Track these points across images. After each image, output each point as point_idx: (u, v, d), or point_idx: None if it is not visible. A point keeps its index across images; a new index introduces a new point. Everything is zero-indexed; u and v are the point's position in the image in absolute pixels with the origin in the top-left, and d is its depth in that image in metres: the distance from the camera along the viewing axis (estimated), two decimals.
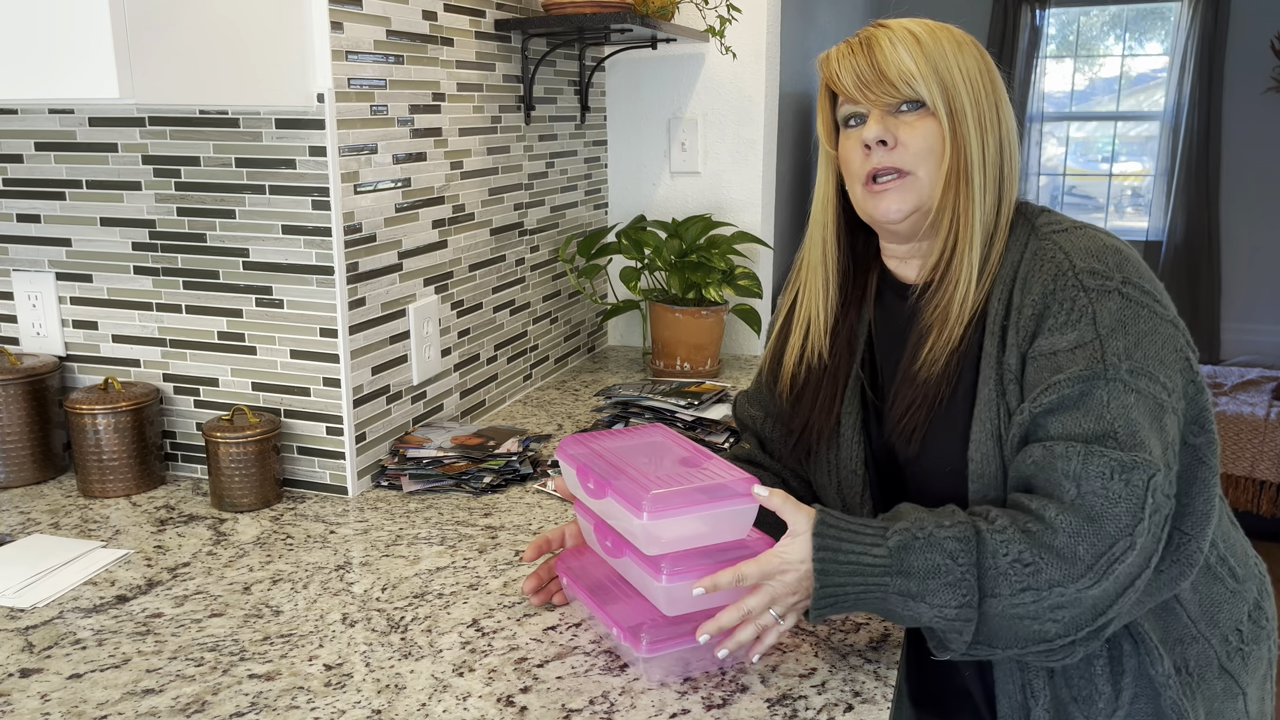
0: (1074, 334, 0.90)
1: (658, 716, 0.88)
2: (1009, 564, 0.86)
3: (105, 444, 1.36)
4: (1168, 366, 0.90)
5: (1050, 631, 0.87)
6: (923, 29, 0.98)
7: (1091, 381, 0.88)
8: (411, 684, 0.94)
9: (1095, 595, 0.86)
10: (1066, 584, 0.85)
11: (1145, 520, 0.85)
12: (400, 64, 1.46)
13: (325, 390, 1.38)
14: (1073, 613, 0.86)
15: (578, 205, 2.11)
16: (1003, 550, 0.87)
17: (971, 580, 0.87)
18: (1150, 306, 0.91)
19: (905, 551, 0.88)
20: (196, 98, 1.13)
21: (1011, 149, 1.00)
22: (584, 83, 2.08)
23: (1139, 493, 0.85)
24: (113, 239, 1.43)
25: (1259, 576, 1.05)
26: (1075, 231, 0.96)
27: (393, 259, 1.47)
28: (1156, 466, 0.86)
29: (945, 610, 0.87)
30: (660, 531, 0.90)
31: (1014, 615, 0.87)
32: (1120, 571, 0.85)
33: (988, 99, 0.98)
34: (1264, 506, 3.65)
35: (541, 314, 1.98)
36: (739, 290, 1.97)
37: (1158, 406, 0.88)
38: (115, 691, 0.92)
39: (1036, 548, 0.86)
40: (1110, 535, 0.85)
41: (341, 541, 1.26)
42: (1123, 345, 0.89)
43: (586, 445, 1.03)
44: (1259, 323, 5.64)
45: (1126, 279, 0.92)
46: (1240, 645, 1.00)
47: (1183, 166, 5.55)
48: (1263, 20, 5.32)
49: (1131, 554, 0.85)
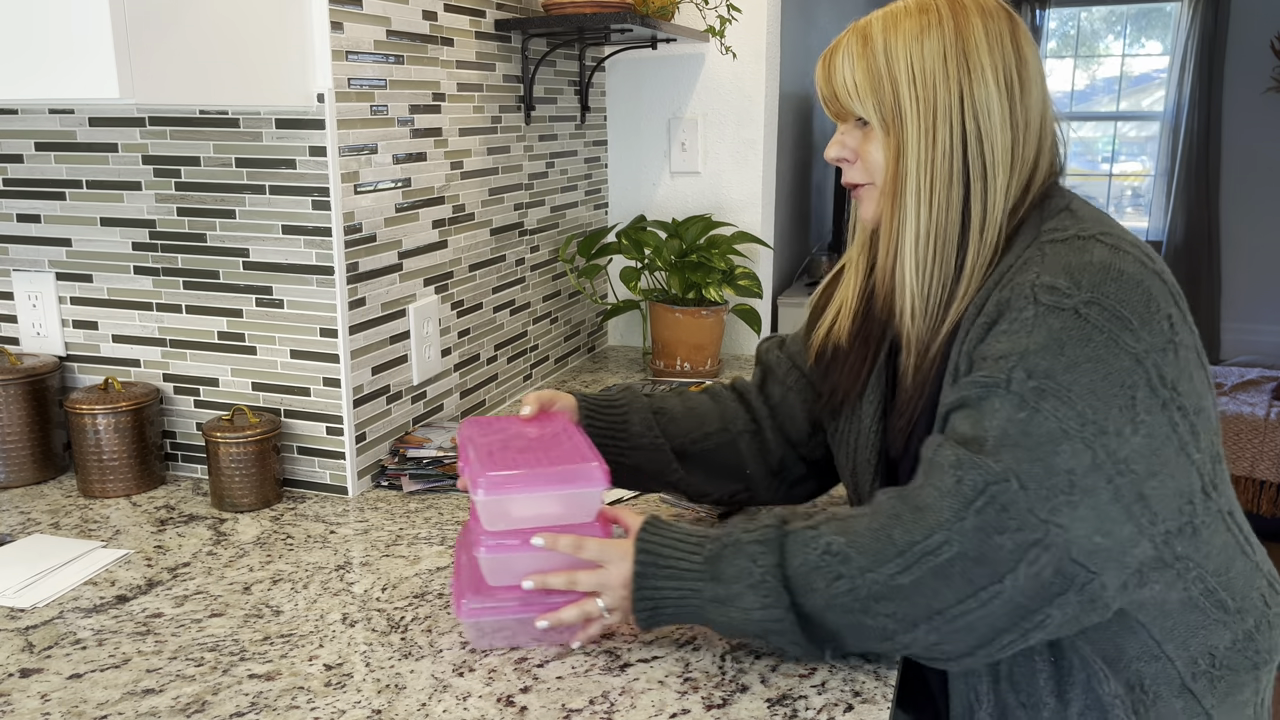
0: (1006, 343, 0.87)
1: (658, 716, 0.88)
2: (819, 556, 0.86)
3: (105, 444, 1.36)
4: (1098, 398, 0.83)
5: (887, 626, 0.86)
6: (882, 24, 0.96)
7: (991, 389, 0.86)
8: (411, 684, 0.94)
9: (909, 585, 0.83)
10: (877, 568, 0.84)
11: (969, 520, 0.81)
12: (400, 64, 1.46)
13: (325, 390, 1.39)
14: (899, 606, 0.84)
15: (578, 205, 2.11)
16: (811, 544, 0.87)
17: (773, 581, 0.87)
18: (1110, 333, 0.84)
19: (716, 560, 0.90)
20: (197, 98, 1.13)
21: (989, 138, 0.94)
22: (584, 83, 2.08)
23: (967, 492, 0.82)
24: (113, 239, 1.43)
25: (1260, 610, 0.97)
26: (1071, 244, 0.90)
27: (393, 259, 1.47)
28: (1002, 477, 0.82)
29: (752, 613, 0.88)
30: (497, 508, 0.95)
31: (841, 609, 0.86)
32: (936, 565, 0.82)
33: (946, 90, 0.93)
34: (1264, 506, 3.65)
35: (542, 314, 1.98)
36: (739, 290, 1.98)
37: (1059, 432, 0.82)
38: (115, 691, 0.92)
39: (848, 534, 0.87)
40: (927, 525, 0.83)
41: (341, 541, 1.26)
42: (1045, 364, 0.84)
43: (475, 427, 1.08)
44: (1259, 323, 5.64)
45: (1094, 300, 0.85)
46: (1210, 668, 0.94)
47: (1183, 166, 5.56)
48: (1263, 20, 5.32)
49: (948, 550, 0.82)
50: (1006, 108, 0.94)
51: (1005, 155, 0.94)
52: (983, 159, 0.94)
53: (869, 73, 0.95)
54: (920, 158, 0.94)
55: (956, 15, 0.94)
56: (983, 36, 0.93)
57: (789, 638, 0.89)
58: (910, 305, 0.98)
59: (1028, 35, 0.97)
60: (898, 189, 0.96)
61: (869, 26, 0.97)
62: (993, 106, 0.93)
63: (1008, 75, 0.94)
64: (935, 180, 0.94)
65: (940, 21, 0.94)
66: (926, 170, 0.94)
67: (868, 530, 0.86)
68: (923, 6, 0.96)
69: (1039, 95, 0.96)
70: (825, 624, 0.88)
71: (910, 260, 0.97)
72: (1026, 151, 0.96)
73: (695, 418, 1.20)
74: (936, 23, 0.94)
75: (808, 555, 0.87)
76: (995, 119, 0.93)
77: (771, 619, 0.88)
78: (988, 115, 0.93)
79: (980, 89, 0.93)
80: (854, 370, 1.10)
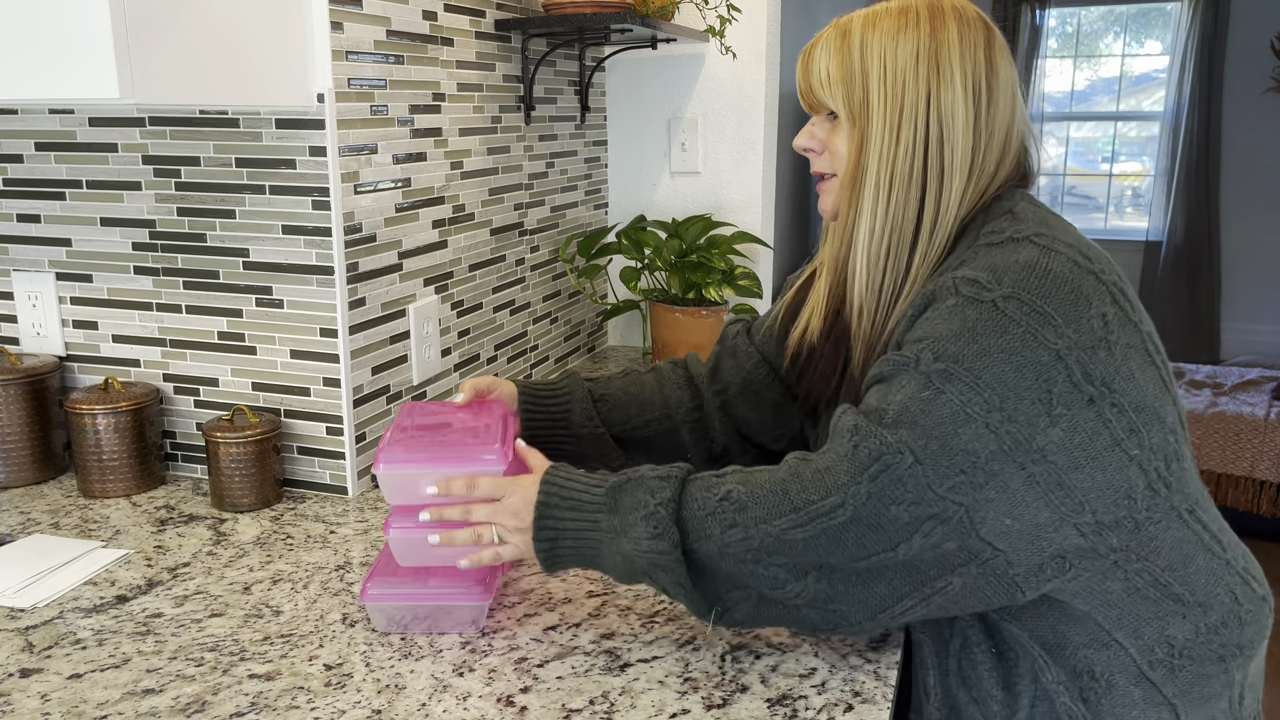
0: (924, 328, 0.90)
1: (658, 716, 0.88)
2: (716, 502, 0.89)
3: (105, 444, 1.36)
4: (1007, 387, 0.84)
5: (778, 577, 0.89)
6: (862, 21, 0.99)
7: (901, 368, 0.88)
8: (411, 684, 0.94)
9: (801, 541, 0.86)
10: (770, 521, 0.87)
11: (863, 486, 0.84)
12: (400, 64, 1.46)
13: (325, 390, 1.39)
14: (791, 558, 0.88)
15: (578, 205, 2.11)
16: (712, 489, 0.90)
17: (665, 514, 0.90)
18: (1029, 327, 0.85)
19: (617, 490, 0.93)
20: (197, 98, 1.13)
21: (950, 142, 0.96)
22: (584, 83, 2.08)
23: (862, 458, 0.85)
24: (113, 239, 1.43)
25: (1228, 607, 0.96)
26: (1005, 246, 0.91)
27: (393, 259, 1.47)
28: (897, 449, 0.84)
29: (640, 543, 0.90)
30: (393, 483, 0.99)
31: (734, 557, 0.89)
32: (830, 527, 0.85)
33: (914, 90, 0.95)
34: (1264, 506, 3.65)
35: (541, 314, 1.98)
36: (739, 290, 1.98)
37: (961, 414, 0.84)
38: (115, 691, 0.92)
39: (749, 485, 0.89)
40: (824, 487, 0.86)
41: (341, 541, 1.26)
42: (955, 349, 0.86)
43: (410, 413, 1.13)
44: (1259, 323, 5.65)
45: (1014, 295, 0.86)
46: (1169, 658, 0.93)
47: (1183, 166, 5.56)
48: (1263, 20, 5.32)
49: (842, 513, 0.85)
50: (972, 115, 0.96)
51: (965, 161, 0.96)
52: (941, 162, 0.96)
53: (842, 66, 0.98)
54: (882, 154, 0.97)
55: (934, 19, 0.96)
56: (956, 42, 0.96)
57: (673, 576, 0.90)
58: (860, 301, 1.01)
59: (1003, 48, 0.99)
60: (857, 182, 0.99)
61: (850, 22, 1.00)
62: (957, 112, 0.95)
63: (976, 83, 0.96)
64: (895, 177, 0.97)
65: (918, 24, 0.96)
66: (887, 167, 0.97)
67: (767, 483, 0.89)
68: (904, 8, 0.98)
69: (1007, 107, 0.98)
70: (718, 572, 0.90)
71: (862, 255, 1.00)
72: (988, 160, 0.98)
73: (637, 404, 1.24)
74: (914, 24, 0.96)
75: (706, 499, 0.90)
76: (959, 124, 0.95)
77: (657, 551, 0.90)
78: (951, 119, 0.95)
79: (947, 93, 0.95)
80: (825, 374, 1.14)
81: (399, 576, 1.02)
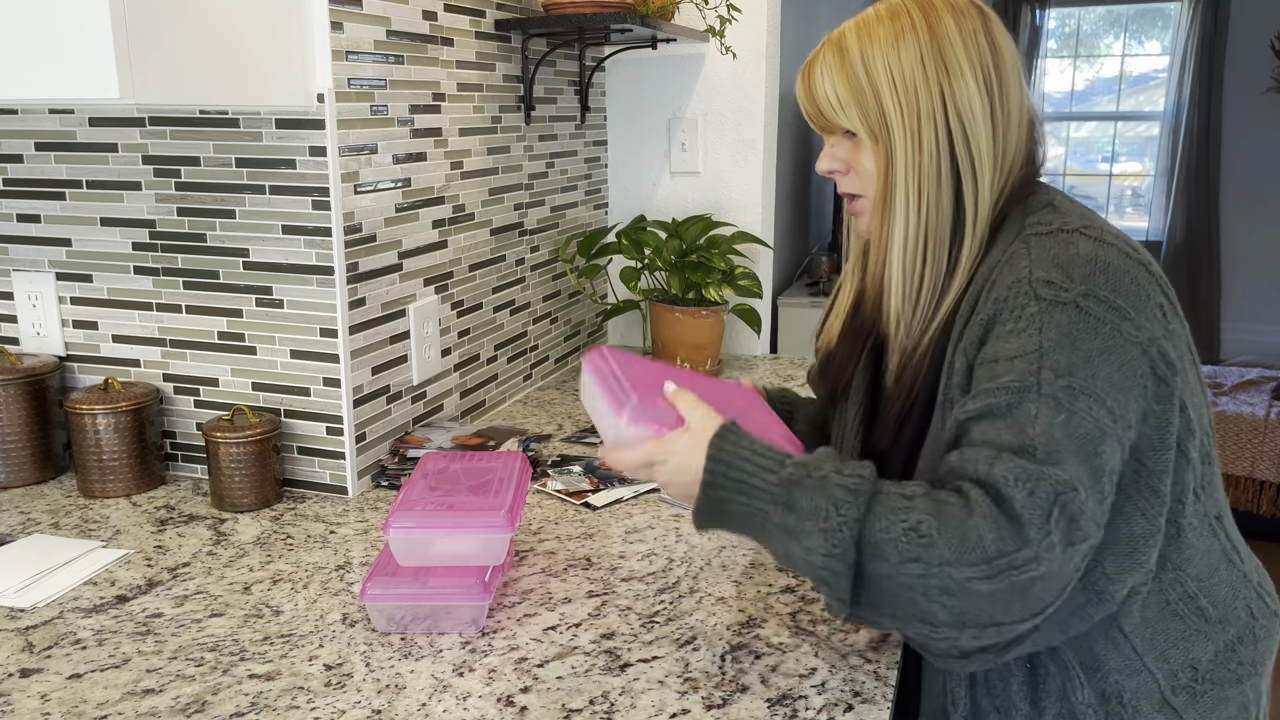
0: (1017, 343, 0.85)
1: (658, 716, 0.88)
2: (903, 530, 0.83)
3: (105, 444, 1.36)
4: (1119, 391, 0.83)
5: (937, 615, 0.82)
6: (856, 35, 0.96)
7: (1021, 394, 0.83)
8: (411, 684, 0.94)
9: (984, 593, 0.80)
10: (957, 566, 0.80)
11: (1054, 536, 0.79)
12: (400, 64, 1.46)
13: (325, 390, 1.39)
14: (961, 603, 0.81)
15: (578, 205, 2.11)
16: (900, 515, 0.83)
17: (847, 534, 0.83)
18: (1114, 324, 0.84)
19: (794, 486, 0.86)
20: (197, 98, 1.13)
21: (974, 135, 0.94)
22: (584, 83, 2.08)
23: (1043, 504, 0.79)
24: (113, 239, 1.43)
25: (1244, 622, 0.96)
26: (1056, 236, 0.90)
27: (393, 259, 1.47)
28: (1070, 485, 0.79)
29: (813, 556, 0.84)
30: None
31: (900, 584, 0.82)
32: (1017, 582, 0.79)
33: (927, 93, 0.93)
34: (1264, 506, 3.65)
35: (541, 314, 1.98)
36: (739, 290, 1.98)
37: (1097, 431, 0.81)
38: (115, 691, 0.92)
39: (941, 519, 0.82)
40: (1020, 539, 0.79)
41: (342, 541, 1.26)
42: (1065, 361, 0.83)
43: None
44: (1259, 323, 5.65)
45: (1090, 292, 0.85)
46: (1192, 683, 0.93)
47: (1183, 166, 5.56)
48: (1263, 20, 5.32)
49: (1033, 567, 0.79)
50: (987, 103, 0.94)
51: (990, 150, 0.95)
52: (970, 157, 0.95)
53: (849, 85, 0.96)
54: (908, 163, 0.95)
55: (929, 17, 0.95)
56: (957, 35, 0.94)
57: (835, 592, 0.85)
58: (897, 310, 0.99)
59: (1000, 27, 0.97)
60: (888, 197, 0.97)
61: (843, 38, 0.98)
62: (974, 104, 0.94)
63: (985, 71, 0.94)
64: (923, 184, 0.95)
65: (914, 25, 0.94)
66: (914, 175, 0.95)
67: (960, 524, 0.81)
68: (893, 12, 0.96)
69: (1017, 85, 0.97)
70: (879, 591, 0.84)
71: (897, 265, 0.97)
72: (1009, 144, 0.96)
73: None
74: (910, 27, 0.94)
75: (892, 525, 0.83)
76: (978, 116, 0.94)
77: (830, 570, 0.84)
78: (970, 113, 0.94)
79: (960, 87, 0.94)
80: (841, 367, 1.12)
81: (399, 576, 1.02)
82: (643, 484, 1.44)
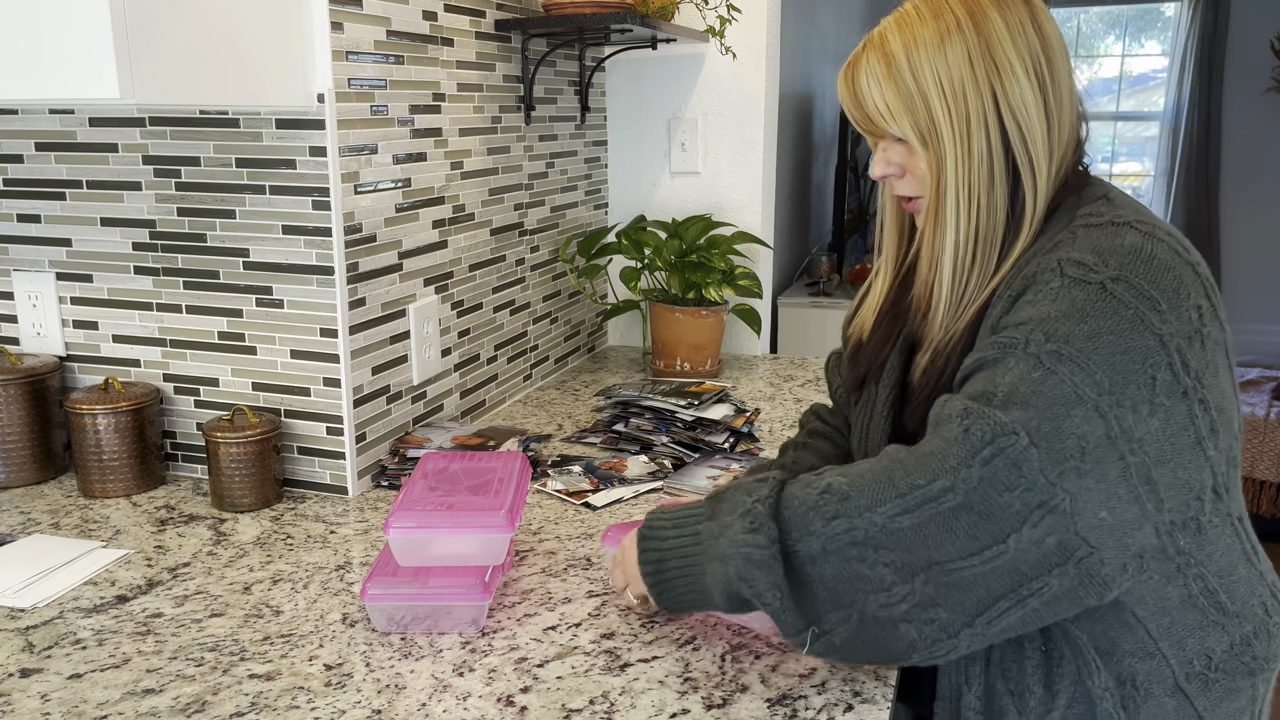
0: (1029, 310, 0.87)
1: (658, 716, 0.88)
2: (818, 495, 0.86)
3: (105, 444, 1.36)
4: (1118, 371, 0.82)
5: (884, 578, 0.83)
6: (900, 37, 0.95)
7: (1009, 349, 0.85)
8: (411, 684, 0.94)
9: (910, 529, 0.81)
10: (875, 508, 0.82)
11: (975, 469, 0.80)
12: (400, 64, 1.46)
13: (325, 390, 1.39)
14: (899, 555, 0.82)
15: (578, 205, 2.11)
16: (811, 484, 0.87)
17: (761, 510, 0.87)
18: (1137, 310, 0.83)
19: (716, 499, 0.93)
20: (197, 98, 1.13)
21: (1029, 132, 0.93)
22: (584, 83, 2.08)
23: (975, 441, 0.81)
24: (113, 239, 1.43)
25: (1259, 618, 0.96)
26: (1104, 228, 0.89)
27: (393, 259, 1.47)
28: (1010, 429, 0.80)
29: (736, 538, 0.88)
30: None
31: (837, 555, 0.84)
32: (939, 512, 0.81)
33: (977, 95, 0.92)
34: (1264, 506, 3.65)
35: (541, 314, 1.98)
36: (739, 290, 1.98)
37: (1073, 395, 0.81)
38: (115, 691, 0.92)
39: (850, 475, 0.86)
40: (930, 470, 0.82)
41: (342, 541, 1.26)
42: (1065, 330, 0.83)
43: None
44: (1259, 322, 5.64)
45: (1121, 277, 0.85)
46: (1205, 670, 0.93)
47: (1183, 166, 5.56)
48: (1263, 20, 5.32)
49: (951, 498, 0.80)
50: (1040, 98, 0.93)
51: (1045, 146, 0.94)
52: (1028, 154, 0.94)
53: (898, 93, 0.95)
54: (958, 168, 0.94)
55: (974, 14, 0.93)
56: (1004, 30, 0.92)
57: (770, 576, 0.86)
58: (944, 316, 0.99)
59: (1045, 11, 0.95)
60: (939, 204, 0.96)
61: (886, 41, 0.96)
62: (1027, 100, 0.93)
63: (1035, 63, 0.93)
64: (974, 188, 0.94)
65: (959, 25, 0.93)
66: (965, 179, 0.94)
67: (869, 472, 0.86)
68: (936, 10, 0.94)
69: (1066, 71, 0.95)
70: (819, 583, 0.86)
71: (949, 271, 0.97)
72: (1063, 134, 0.95)
73: None
74: (955, 26, 0.93)
75: (807, 494, 0.87)
76: (1032, 113, 0.93)
77: (754, 545, 0.86)
78: (1025, 110, 0.93)
79: (1012, 85, 0.92)
80: (875, 351, 1.11)
81: (399, 576, 1.02)
82: (642, 484, 1.44)
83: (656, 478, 1.46)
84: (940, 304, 0.99)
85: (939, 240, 0.97)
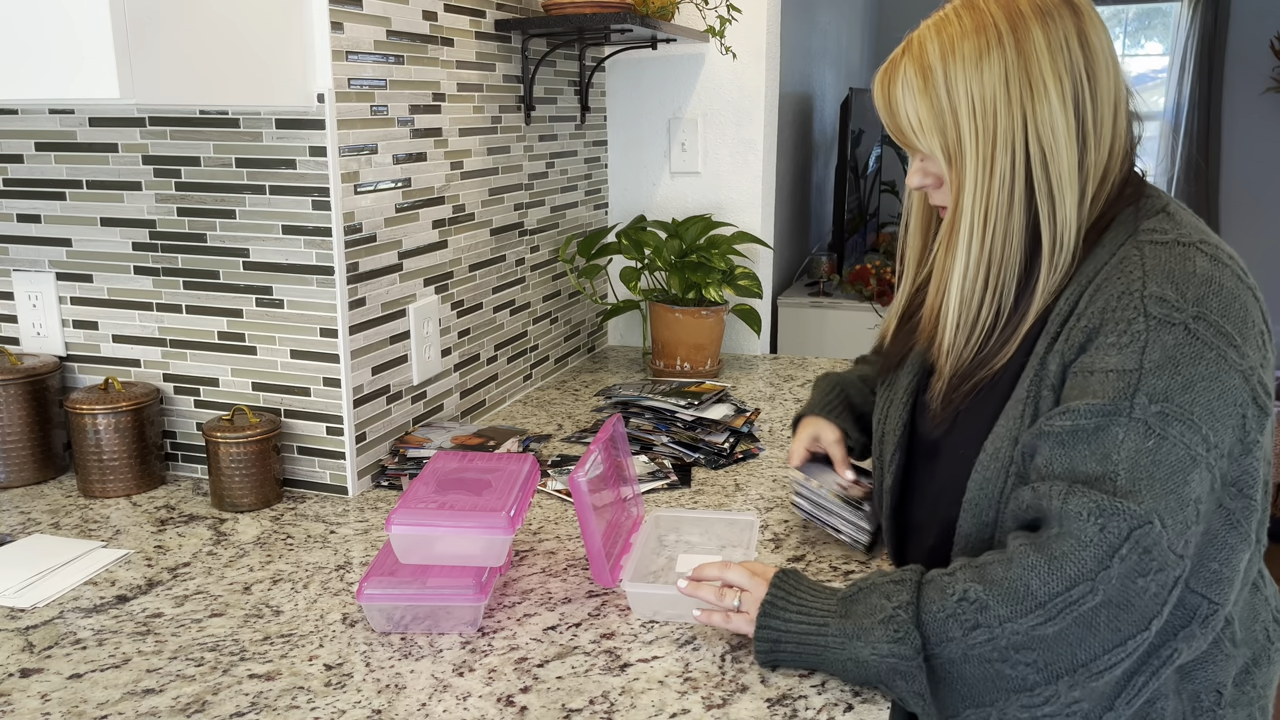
0: (1118, 358, 0.84)
1: (658, 716, 0.88)
2: (955, 603, 0.84)
3: (105, 444, 1.36)
4: (1217, 419, 0.81)
5: (1027, 678, 0.82)
6: (939, 50, 0.92)
7: (1111, 418, 0.82)
8: (411, 684, 0.94)
9: (1053, 636, 0.81)
10: (1016, 619, 0.81)
11: (1113, 568, 0.79)
12: (400, 64, 1.46)
13: (325, 390, 1.39)
14: (1042, 655, 0.82)
15: (578, 205, 2.11)
16: (949, 590, 0.85)
17: (905, 617, 0.85)
18: (1220, 350, 0.82)
19: (850, 600, 0.91)
20: (197, 98, 1.13)
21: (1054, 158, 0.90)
22: (584, 83, 2.08)
23: (1112, 540, 0.79)
24: (113, 239, 1.43)
25: (1260, 645, 0.96)
26: (1172, 249, 0.87)
27: (393, 259, 1.47)
28: (1145, 519, 0.79)
29: (880, 647, 0.86)
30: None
31: (978, 659, 0.83)
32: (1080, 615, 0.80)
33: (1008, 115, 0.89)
34: None
35: (541, 314, 1.98)
36: (739, 290, 1.98)
37: (1188, 459, 0.80)
38: (115, 691, 0.92)
39: (985, 582, 0.84)
40: (1069, 576, 0.80)
41: (342, 541, 1.26)
42: (1164, 386, 0.81)
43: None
44: None
45: (1201, 314, 0.83)
46: (1214, 706, 0.92)
47: (1183, 166, 5.55)
48: (1263, 20, 5.32)
49: (1091, 599, 0.79)
50: (1073, 122, 0.90)
51: (1071, 173, 0.90)
52: (1048, 182, 0.91)
53: (932, 109, 0.92)
54: (976, 190, 0.92)
55: (1016, 30, 0.89)
56: (1045, 48, 0.89)
57: (914, 685, 0.85)
58: (949, 342, 0.97)
59: (1094, 19, 0.91)
60: (956, 223, 0.94)
61: (925, 54, 0.93)
62: (1057, 125, 0.89)
63: (1075, 82, 0.90)
64: (990, 211, 0.91)
65: (1000, 40, 0.89)
66: (982, 201, 0.92)
67: (1004, 580, 0.83)
68: (979, 25, 0.91)
69: (1111, 85, 0.91)
70: (962, 678, 0.85)
71: (955, 296, 0.95)
72: (1100, 153, 0.92)
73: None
74: (996, 41, 0.89)
75: (944, 601, 0.85)
76: (1060, 138, 0.90)
77: (899, 656, 0.85)
78: (1052, 134, 0.90)
79: (1043, 109, 0.89)
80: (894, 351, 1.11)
81: (396, 576, 1.02)
82: (642, 484, 1.44)
83: (656, 477, 1.46)
84: (945, 331, 0.97)
85: (949, 263, 0.95)
